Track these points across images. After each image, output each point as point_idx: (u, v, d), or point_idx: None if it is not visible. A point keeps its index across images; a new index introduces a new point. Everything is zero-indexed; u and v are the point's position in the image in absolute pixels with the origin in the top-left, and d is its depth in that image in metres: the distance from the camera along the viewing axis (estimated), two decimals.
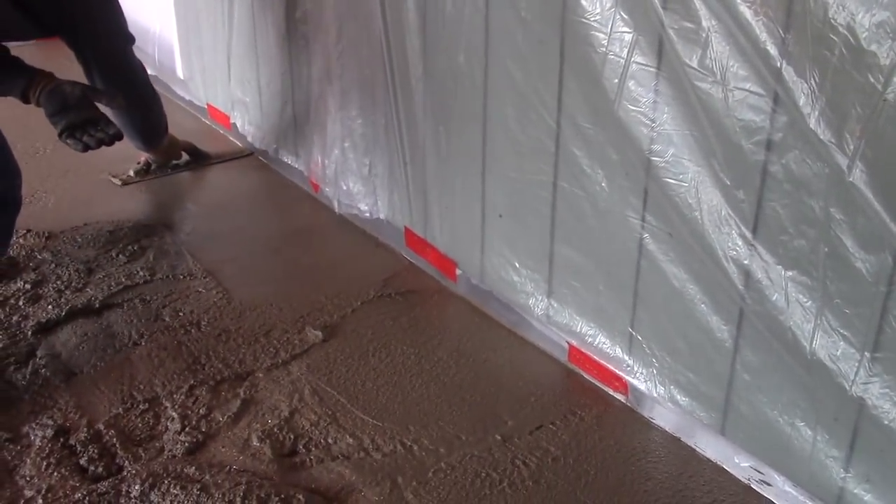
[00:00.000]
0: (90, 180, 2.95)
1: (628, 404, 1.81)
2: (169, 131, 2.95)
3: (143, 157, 2.97)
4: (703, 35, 1.39)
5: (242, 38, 2.93)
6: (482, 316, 2.15)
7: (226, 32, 3.00)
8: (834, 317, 1.33)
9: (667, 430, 1.73)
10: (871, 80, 1.18)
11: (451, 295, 2.25)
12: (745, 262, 1.44)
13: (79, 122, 2.16)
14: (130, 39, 2.64)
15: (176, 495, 1.55)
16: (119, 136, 2.25)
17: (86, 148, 2.18)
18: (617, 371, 1.79)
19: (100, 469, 1.63)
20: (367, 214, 2.49)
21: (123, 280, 2.29)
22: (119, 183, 2.90)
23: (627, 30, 1.52)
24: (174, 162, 3.05)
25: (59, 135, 2.18)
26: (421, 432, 1.73)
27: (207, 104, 3.43)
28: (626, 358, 1.76)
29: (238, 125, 3.15)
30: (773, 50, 1.29)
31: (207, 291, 2.25)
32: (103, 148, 2.32)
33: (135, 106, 2.63)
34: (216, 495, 1.54)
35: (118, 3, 2.58)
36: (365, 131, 2.39)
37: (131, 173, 2.95)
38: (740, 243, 1.45)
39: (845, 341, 1.32)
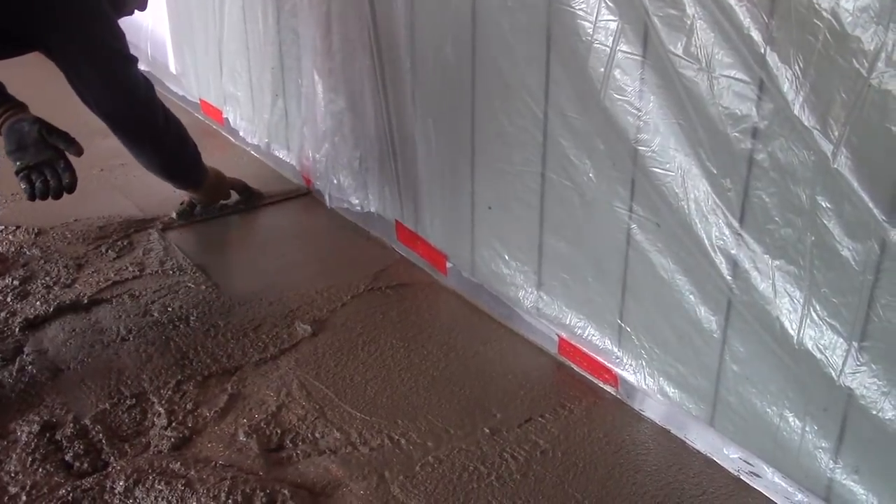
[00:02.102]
0: (81, 176, 2.90)
1: (618, 396, 1.79)
2: (213, 167, 2.60)
3: (187, 196, 2.63)
4: (688, 22, 1.37)
5: (233, 33, 2.92)
6: (472, 309, 2.14)
7: (217, 27, 2.98)
8: (821, 306, 1.31)
9: (657, 422, 1.72)
10: (856, 65, 1.16)
11: (441, 288, 2.24)
12: (733, 251, 1.43)
13: (34, 164, 2.03)
14: (127, 59, 2.22)
15: (160, 491, 1.53)
16: (71, 188, 2.06)
17: (33, 196, 2.03)
18: (606, 363, 1.78)
19: (85, 465, 1.62)
20: (359, 208, 2.48)
21: (112, 276, 2.28)
22: (160, 226, 2.57)
23: (612, 18, 1.50)
24: (222, 202, 2.70)
25: (15, 174, 2.05)
26: (409, 426, 1.72)
27: (200, 99, 3.42)
28: (616, 350, 1.74)
29: (230, 120, 3.14)
30: (757, 36, 1.27)
31: (197, 286, 2.24)
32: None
33: (140, 137, 2.30)
34: (201, 491, 1.53)
35: (108, 19, 2.19)
36: (355, 125, 2.37)
37: (173, 215, 2.61)
38: (727, 233, 1.43)
39: (833, 331, 1.31)
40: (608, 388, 1.81)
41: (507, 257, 1.97)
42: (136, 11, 2.47)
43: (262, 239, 2.55)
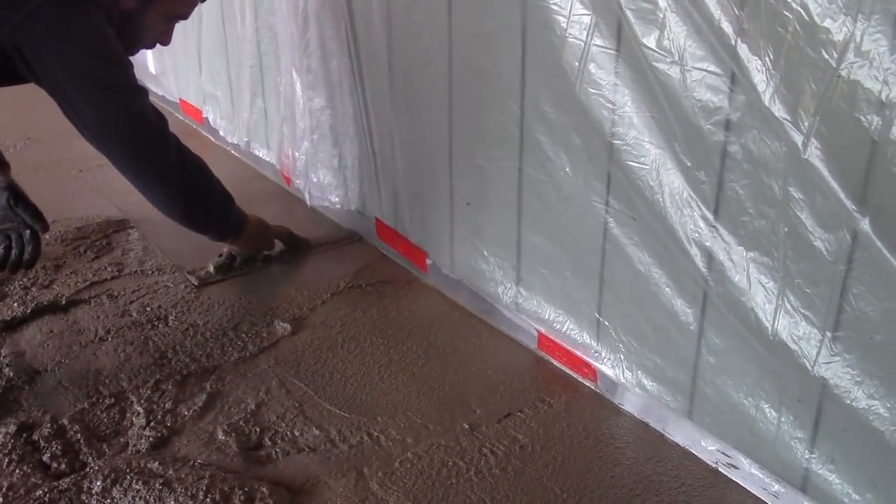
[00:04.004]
0: (60, 177, 2.93)
1: (597, 391, 1.80)
2: (254, 215, 2.31)
3: (226, 248, 2.34)
4: (660, 15, 1.37)
5: (212, 32, 2.91)
6: (453, 305, 2.14)
7: (195, 26, 2.97)
8: (795, 297, 1.32)
9: (635, 415, 1.72)
10: (825, 55, 1.16)
11: (421, 285, 2.24)
12: (708, 243, 1.43)
13: (1, 229, 1.94)
14: (129, 91, 1.92)
15: (138, 490, 1.52)
16: (31, 264, 1.93)
17: None
18: (585, 357, 1.78)
19: (63, 465, 1.60)
20: (339, 206, 2.47)
21: (91, 276, 2.27)
22: (196, 282, 2.28)
23: (586, 12, 1.51)
24: (265, 253, 2.41)
25: None
26: (388, 423, 1.72)
27: (180, 99, 3.41)
28: (594, 344, 1.74)
29: (210, 119, 3.13)
30: (728, 28, 1.27)
31: (175, 286, 2.23)
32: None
33: (148, 179, 2.01)
34: (179, 490, 1.52)
35: (106, 45, 1.88)
36: (334, 122, 2.37)
37: (211, 269, 2.32)
38: (702, 225, 1.43)
39: (807, 321, 1.31)
40: (587, 383, 1.81)
41: (485, 253, 1.97)
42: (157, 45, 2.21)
43: None
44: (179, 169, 2.01)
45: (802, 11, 1.18)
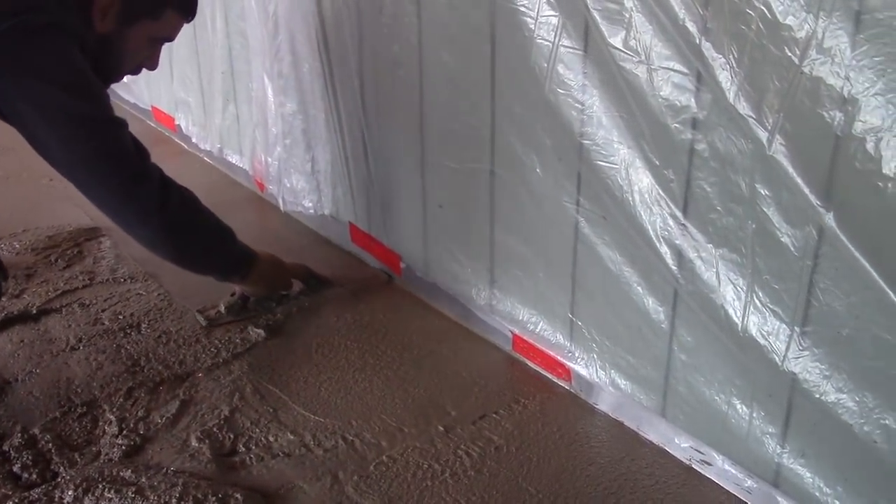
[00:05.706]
0: (31, 186, 2.90)
1: (572, 391, 1.80)
2: (267, 252, 2.13)
3: (238, 288, 2.14)
4: (626, 16, 1.38)
5: (183, 38, 2.89)
6: (427, 309, 2.14)
7: None
8: (764, 293, 1.33)
9: (610, 414, 1.73)
10: (788, 53, 1.18)
11: (396, 289, 2.24)
12: (677, 241, 1.44)
13: None
14: (102, 123, 1.74)
15: (110, 499, 1.51)
16: None
17: None
18: (559, 358, 1.79)
19: (34, 476, 1.58)
20: (312, 211, 2.47)
21: (62, 285, 2.25)
22: (204, 322, 2.10)
23: (554, 13, 1.51)
24: (283, 293, 2.21)
25: None
26: (363, 426, 1.71)
27: (152, 106, 3.39)
28: (568, 344, 1.75)
29: (182, 126, 3.11)
30: (692, 27, 1.28)
31: (148, 294, 2.22)
32: None
33: (128, 217, 1.83)
34: (151, 498, 1.51)
35: (76, 74, 1.70)
36: (306, 127, 2.36)
37: (222, 309, 2.13)
38: (672, 223, 1.44)
39: (775, 317, 1.32)
40: (562, 383, 1.82)
41: (459, 255, 1.97)
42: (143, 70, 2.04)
43: None
44: (163, 206, 1.81)
45: (765, 9, 1.19)
